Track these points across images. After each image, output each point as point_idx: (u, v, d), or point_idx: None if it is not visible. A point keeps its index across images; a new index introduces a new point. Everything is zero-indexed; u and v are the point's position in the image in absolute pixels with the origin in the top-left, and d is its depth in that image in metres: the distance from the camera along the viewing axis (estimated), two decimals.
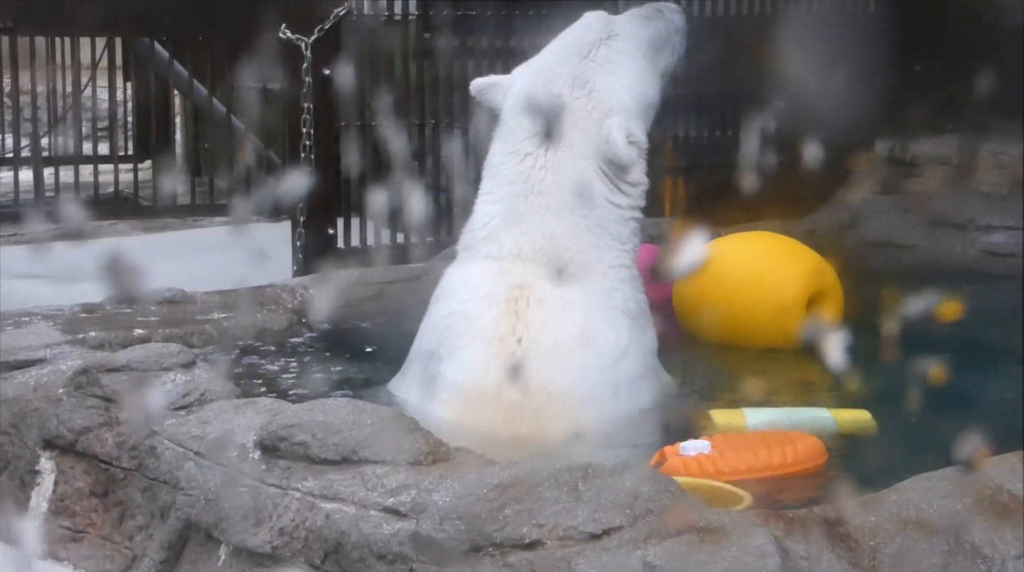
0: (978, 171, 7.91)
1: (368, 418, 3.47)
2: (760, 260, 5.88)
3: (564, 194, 4.80)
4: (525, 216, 4.78)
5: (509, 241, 4.77)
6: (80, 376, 4.11)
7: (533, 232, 4.77)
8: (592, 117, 4.86)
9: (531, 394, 4.53)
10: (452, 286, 4.83)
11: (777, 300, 5.63)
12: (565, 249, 4.76)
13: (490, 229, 4.84)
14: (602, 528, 2.96)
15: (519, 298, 4.63)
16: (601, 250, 4.83)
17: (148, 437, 3.81)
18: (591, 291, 4.74)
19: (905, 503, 3.12)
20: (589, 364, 4.62)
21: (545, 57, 5.04)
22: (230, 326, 5.44)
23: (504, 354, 4.58)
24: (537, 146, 4.84)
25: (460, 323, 4.69)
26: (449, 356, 4.65)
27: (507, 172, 4.87)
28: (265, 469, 3.46)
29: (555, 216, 4.79)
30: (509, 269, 4.72)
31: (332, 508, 3.28)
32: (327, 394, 4.46)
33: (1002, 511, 3.10)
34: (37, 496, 4.08)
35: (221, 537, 3.47)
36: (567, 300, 4.68)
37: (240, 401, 3.90)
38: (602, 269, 4.81)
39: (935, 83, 8.69)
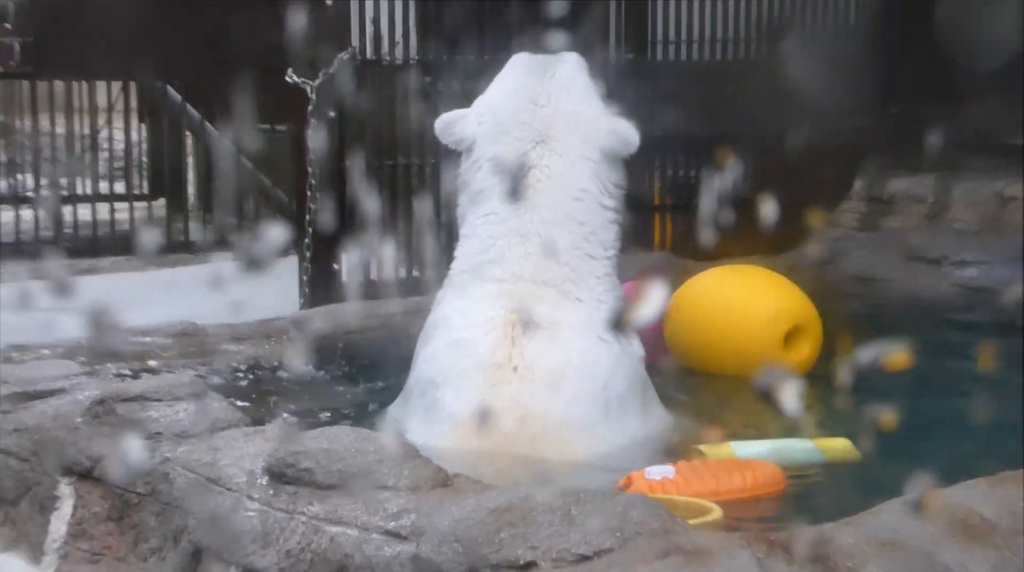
0: (952, 208, 7.93)
1: (371, 445, 3.47)
2: (743, 293, 5.89)
3: (567, 203, 4.81)
4: (529, 235, 4.78)
5: (514, 263, 4.76)
6: (97, 406, 4.11)
7: (535, 249, 4.76)
8: (585, 122, 4.88)
9: (527, 423, 4.51)
10: (451, 313, 4.81)
11: (758, 332, 5.64)
12: (563, 264, 4.77)
13: (496, 251, 4.81)
14: (593, 550, 2.96)
15: (515, 324, 4.62)
16: (593, 261, 4.84)
17: (161, 464, 3.82)
18: (582, 309, 4.73)
19: (882, 526, 3.12)
20: (581, 389, 4.61)
21: (506, 83, 5.03)
22: (240, 357, 5.45)
23: (501, 382, 4.57)
24: (535, 160, 4.81)
25: (458, 351, 4.68)
26: (447, 384, 4.63)
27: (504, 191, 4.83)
28: (272, 494, 3.46)
29: (559, 227, 4.79)
30: (510, 291, 4.71)
31: (336, 531, 3.27)
32: (332, 422, 4.47)
33: (973, 534, 3.10)
34: (57, 520, 4.08)
35: (231, 559, 3.47)
36: (559, 322, 4.66)
37: (249, 429, 3.90)
38: (592, 282, 4.81)
39: (911, 125, 8.72)
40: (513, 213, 4.82)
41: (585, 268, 4.81)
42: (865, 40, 8.72)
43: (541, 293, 4.71)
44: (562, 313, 4.69)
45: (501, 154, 4.85)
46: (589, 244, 4.84)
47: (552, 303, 4.70)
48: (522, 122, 4.85)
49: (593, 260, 4.84)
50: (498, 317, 4.66)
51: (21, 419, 4.30)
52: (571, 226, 4.81)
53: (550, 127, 4.84)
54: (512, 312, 4.65)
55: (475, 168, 4.93)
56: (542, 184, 4.80)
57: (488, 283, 4.78)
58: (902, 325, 6.68)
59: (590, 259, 4.83)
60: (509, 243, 4.79)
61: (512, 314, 4.64)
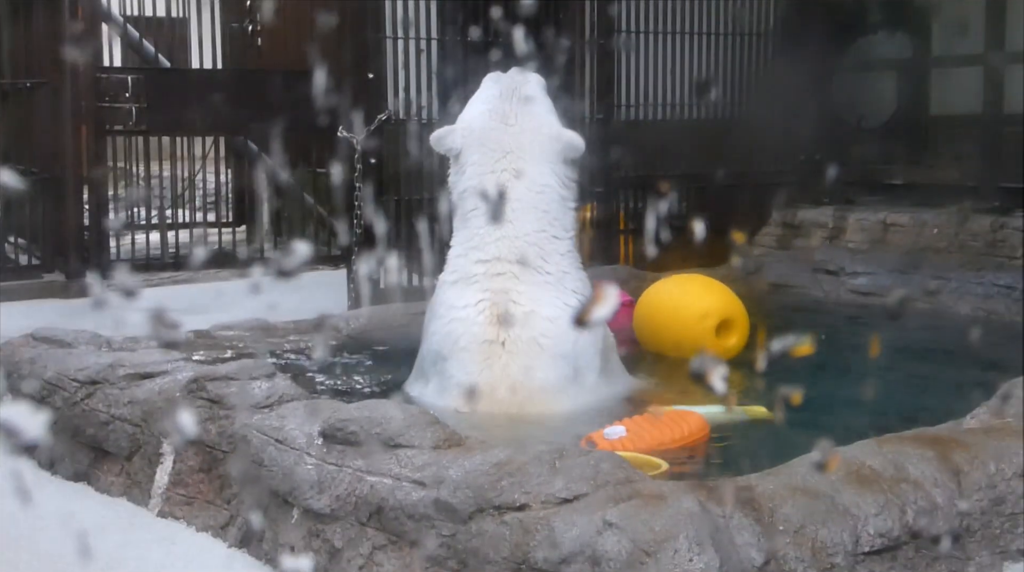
0: (847, 232, 7.90)
1: (401, 413, 3.44)
2: (686, 295, 5.86)
3: (531, 197, 4.77)
4: (503, 222, 4.73)
5: (492, 246, 4.73)
6: (192, 384, 4.09)
7: (509, 234, 4.72)
8: (545, 133, 4.84)
9: (516, 390, 4.52)
10: (450, 296, 4.76)
11: (695, 325, 5.63)
12: (531, 245, 4.73)
13: (478, 238, 4.78)
14: (573, 494, 2.94)
15: (500, 303, 4.62)
16: (556, 241, 4.80)
17: (241, 428, 3.79)
18: (551, 283, 4.70)
19: (795, 475, 3.09)
20: (554, 355, 4.60)
21: (481, 103, 4.96)
22: (301, 346, 5.42)
23: (493, 356, 4.58)
24: (506, 164, 4.78)
25: (458, 329, 4.66)
26: (452, 357, 4.64)
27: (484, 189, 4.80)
28: (326, 452, 3.43)
29: (525, 216, 4.75)
30: (492, 272, 4.69)
31: (375, 480, 3.25)
32: (371, 396, 4.43)
33: (864, 481, 3.08)
34: (160, 472, 4.04)
35: (294, 502, 3.44)
36: (534, 298, 4.64)
37: (308, 401, 3.86)
38: (557, 258, 4.78)
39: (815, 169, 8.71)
40: (480, 161, 4.81)
41: (550, 247, 4.78)
42: (781, 104, 8.69)
43: (515, 270, 4.70)
44: (534, 289, 4.67)
45: (479, 163, 4.83)
46: (552, 227, 4.80)
47: (525, 280, 4.69)
48: (495, 138, 4.82)
49: (556, 240, 4.81)
50: (486, 299, 4.65)
51: (134, 394, 4.28)
52: (536, 214, 4.77)
53: (517, 140, 4.82)
54: (496, 293, 4.65)
55: (461, 172, 4.90)
56: (512, 183, 4.77)
57: (475, 265, 4.75)
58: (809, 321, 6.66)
59: (554, 239, 4.80)
60: (488, 230, 4.76)
61: (496, 295, 4.64)
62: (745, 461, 3.68)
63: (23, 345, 4.94)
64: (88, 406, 4.35)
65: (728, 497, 2.92)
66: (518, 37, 2.09)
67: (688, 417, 4.23)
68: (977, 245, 7.19)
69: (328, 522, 3.30)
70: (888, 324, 6.50)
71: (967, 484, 3.15)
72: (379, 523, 3.18)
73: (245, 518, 3.67)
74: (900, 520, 3.02)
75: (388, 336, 5.73)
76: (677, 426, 4.15)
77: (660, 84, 8.53)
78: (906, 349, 5.52)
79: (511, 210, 4.74)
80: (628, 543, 2.71)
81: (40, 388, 4.60)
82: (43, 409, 1.45)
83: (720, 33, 8.67)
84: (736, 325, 5.62)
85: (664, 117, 8.58)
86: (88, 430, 4.33)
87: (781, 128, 8.65)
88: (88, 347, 4.83)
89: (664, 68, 8.51)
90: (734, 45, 8.76)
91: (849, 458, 3.17)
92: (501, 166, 4.80)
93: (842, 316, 6.79)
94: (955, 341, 5.69)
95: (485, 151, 4.83)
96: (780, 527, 2.88)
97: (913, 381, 5.02)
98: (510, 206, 4.75)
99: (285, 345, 5.42)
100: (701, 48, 8.63)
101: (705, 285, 5.96)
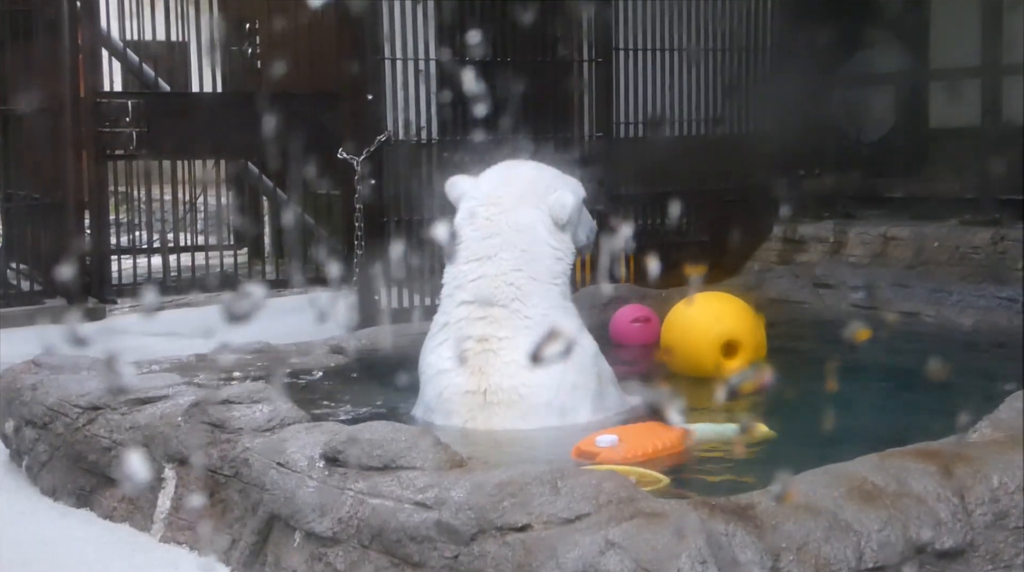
0: (847, 246, 7.90)
1: (403, 435, 3.44)
2: (698, 316, 5.79)
3: (511, 234, 4.76)
4: (488, 259, 4.73)
5: (472, 286, 4.72)
6: (193, 408, 4.08)
7: (489, 271, 4.71)
8: (542, 185, 4.87)
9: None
10: (435, 344, 4.80)
11: (705, 346, 5.62)
12: (510, 284, 4.70)
13: (462, 277, 4.78)
14: (575, 514, 2.93)
15: (481, 353, 4.61)
16: (536, 282, 4.75)
17: (243, 452, 3.78)
18: (531, 328, 4.64)
19: (797, 492, 3.09)
20: (536, 402, 4.57)
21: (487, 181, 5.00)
22: (303, 368, 5.42)
23: (475, 407, 4.59)
24: (497, 197, 4.81)
25: (442, 381, 4.68)
26: (438, 410, 4.66)
27: (478, 224, 4.81)
28: (327, 474, 3.42)
29: (505, 253, 4.73)
30: (475, 316, 4.68)
31: (377, 503, 3.24)
32: (374, 417, 4.42)
33: (867, 497, 3.07)
34: (163, 497, 4.04)
35: (296, 525, 3.43)
36: (515, 345, 4.59)
37: (310, 424, 3.86)
38: (536, 300, 4.73)
39: (816, 184, 8.73)
40: (474, 241, 4.79)
41: (530, 288, 4.73)
42: (780, 118, 8.70)
43: (495, 313, 4.67)
44: (514, 334, 4.62)
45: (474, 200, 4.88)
46: (531, 267, 4.76)
47: (505, 324, 4.65)
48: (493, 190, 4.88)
49: (536, 282, 4.76)
50: (470, 348, 4.63)
51: (136, 419, 4.27)
52: (514, 252, 4.75)
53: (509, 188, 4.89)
54: (478, 340, 4.63)
55: (460, 219, 4.91)
56: (495, 218, 4.78)
57: (459, 307, 4.76)
58: (810, 335, 6.66)
59: (532, 281, 4.75)
60: (470, 268, 4.76)
61: (478, 344, 4.62)
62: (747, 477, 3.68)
63: (25, 371, 4.94)
64: (90, 432, 4.35)
65: (730, 514, 2.91)
66: None
67: (672, 431, 4.24)
68: (978, 258, 7.19)
69: (330, 545, 3.29)
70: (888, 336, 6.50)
71: (970, 499, 3.14)
72: (381, 546, 3.17)
73: (247, 542, 3.65)
74: (903, 536, 3.00)
75: (389, 356, 5.72)
76: (661, 438, 4.17)
77: (659, 101, 8.54)
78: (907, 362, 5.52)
79: (490, 246, 4.74)
80: (631, 562, 2.70)
81: (42, 414, 4.60)
82: None
83: (718, 49, 8.69)
84: (743, 345, 5.58)
85: (663, 134, 8.59)
86: (90, 456, 4.33)
87: (780, 143, 8.66)
88: (90, 372, 4.83)
89: (663, 85, 8.53)
90: (732, 61, 8.78)
91: (851, 474, 3.17)
92: (492, 200, 4.82)
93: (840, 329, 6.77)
94: (957, 354, 5.68)
95: (479, 196, 4.88)
96: (783, 544, 2.87)
97: (914, 396, 5.00)
98: (490, 242, 4.75)
99: (287, 368, 5.41)
100: (699, 64, 8.65)
101: (716, 304, 5.91)
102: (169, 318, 8.04)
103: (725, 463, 4.20)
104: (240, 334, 6.23)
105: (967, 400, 4.43)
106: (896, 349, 5.94)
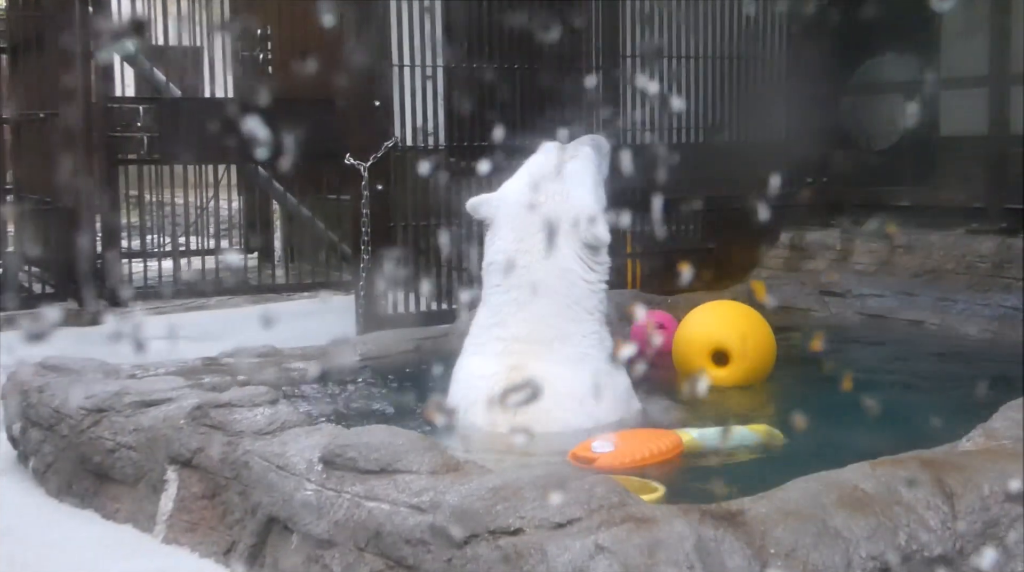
0: (854, 254, 7.92)
1: (399, 439, 3.48)
2: (695, 325, 5.84)
3: (552, 280, 4.74)
4: (525, 304, 4.71)
5: (512, 326, 4.71)
6: (196, 411, 4.13)
7: (530, 316, 4.69)
8: (571, 217, 4.78)
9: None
10: (471, 362, 4.78)
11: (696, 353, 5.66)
12: (551, 327, 4.69)
13: (500, 316, 4.77)
14: (566, 519, 2.95)
15: (515, 375, 4.57)
16: (577, 322, 4.75)
17: (243, 455, 3.83)
18: (567, 362, 4.64)
19: (787, 498, 3.11)
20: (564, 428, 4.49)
21: (524, 176, 4.99)
22: (308, 371, 5.46)
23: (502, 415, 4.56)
24: (531, 244, 4.74)
25: (475, 388, 4.67)
26: (467, 410, 4.64)
27: (512, 270, 4.75)
28: (325, 477, 3.46)
29: (546, 298, 4.71)
30: (510, 350, 4.66)
31: (373, 506, 3.28)
32: (376, 421, 4.46)
33: (857, 504, 3.09)
34: (165, 498, 4.09)
35: (294, 527, 3.48)
36: (551, 373, 4.55)
37: (309, 427, 3.90)
38: (578, 339, 4.72)
39: (823, 191, 8.75)
40: (513, 286, 4.78)
41: (571, 329, 4.72)
42: (788, 129, 8.73)
43: (535, 349, 4.65)
44: (549, 368, 4.58)
45: (506, 238, 4.81)
46: (572, 311, 4.74)
47: (543, 358, 4.62)
48: (523, 215, 4.79)
49: (578, 323, 4.74)
50: (501, 371, 4.61)
51: (139, 421, 4.33)
52: (556, 298, 4.72)
53: (547, 222, 4.79)
54: (514, 368, 4.60)
55: (491, 244, 4.88)
56: (536, 265, 4.73)
57: (495, 341, 4.74)
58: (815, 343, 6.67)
59: (574, 322, 4.74)
60: (510, 310, 4.74)
61: (513, 370, 4.59)
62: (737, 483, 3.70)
63: (33, 373, 5.00)
64: (94, 434, 4.40)
65: (720, 520, 2.94)
66: None
67: (664, 435, 4.28)
68: (984, 266, 7.20)
69: (327, 547, 3.33)
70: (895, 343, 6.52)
71: (960, 507, 3.16)
72: (377, 548, 3.21)
73: (246, 544, 3.70)
74: (892, 543, 3.03)
75: (394, 362, 5.77)
76: (656, 443, 4.21)
77: (667, 108, 8.57)
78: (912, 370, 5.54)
79: (531, 292, 4.70)
80: (619, 567, 2.74)
81: (49, 416, 4.66)
82: None
83: (728, 57, 8.71)
84: (733, 355, 5.59)
85: (671, 141, 8.62)
86: (94, 457, 4.38)
87: (789, 150, 8.68)
88: (96, 375, 4.88)
89: (672, 92, 8.55)
90: (742, 68, 8.80)
91: (842, 481, 3.19)
92: (525, 246, 4.75)
93: (848, 337, 6.80)
94: (960, 362, 5.70)
95: (513, 227, 4.80)
96: (771, 550, 2.90)
97: (914, 403, 5.03)
98: (531, 287, 4.70)
99: (291, 372, 5.46)
100: (709, 72, 8.68)
101: (712, 312, 5.93)
102: (177, 322, 8.10)
103: (725, 469, 4.23)
104: (245, 338, 6.30)
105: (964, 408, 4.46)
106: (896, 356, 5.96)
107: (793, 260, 8.21)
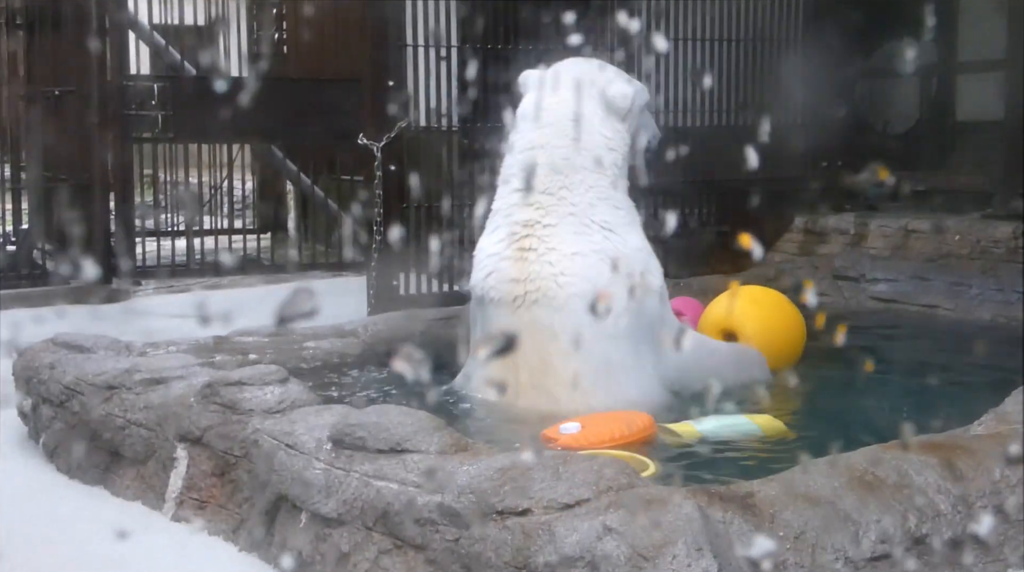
0: (868, 238, 7.88)
1: (409, 419, 3.47)
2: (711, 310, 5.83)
3: (568, 125, 4.80)
4: (540, 148, 4.78)
5: (525, 175, 4.81)
6: (206, 388, 4.13)
7: (544, 163, 4.75)
8: (603, 78, 4.94)
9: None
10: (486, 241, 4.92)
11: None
12: (558, 172, 4.75)
13: (516, 166, 4.89)
14: (575, 500, 2.95)
15: (526, 237, 4.73)
16: (585, 171, 4.78)
17: (253, 433, 3.82)
18: (576, 214, 4.73)
19: (796, 481, 3.10)
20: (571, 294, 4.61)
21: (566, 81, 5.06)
22: (317, 352, 5.46)
23: (518, 294, 4.68)
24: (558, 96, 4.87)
25: (490, 265, 4.82)
26: (485, 293, 4.80)
27: (536, 114, 4.86)
28: (334, 456, 3.46)
29: (559, 142, 4.78)
30: (525, 202, 4.76)
31: (381, 485, 3.27)
32: (380, 401, 4.47)
33: (868, 488, 3.08)
34: (175, 477, 4.09)
35: (302, 506, 3.47)
36: (558, 234, 4.69)
37: (319, 407, 3.90)
38: (583, 189, 4.77)
39: (838, 175, 8.70)
40: (529, 130, 4.87)
41: (577, 177, 4.77)
42: (804, 112, 8.68)
43: (542, 200, 4.73)
44: (558, 222, 4.71)
45: None
46: (580, 156, 4.79)
47: (551, 211, 4.72)
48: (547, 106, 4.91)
49: (584, 171, 4.78)
50: (515, 232, 4.74)
51: (149, 399, 4.33)
52: (564, 140, 4.79)
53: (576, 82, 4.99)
54: (524, 225, 4.72)
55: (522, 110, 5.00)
56: (552, 108, 4.83)
57: (511, 194, 4.85)
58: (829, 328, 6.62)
59: (582, 169, 4.78)
60: (524, 156, 4.83)
61: (524, 229, 4.72)
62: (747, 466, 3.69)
63: (44, 350, 5.00)
64: (105, 411, 4.40)
65: (728, 502, 2.93)
66: None
67: (636, 416, 4.29)
68: (999, 251, 7.16)
69: (335, 526, 3.33)
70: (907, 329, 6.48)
71: (970, 491, 3.15)
72: (385, 527, 3.21)
73: (255, 522, 3.70)
74: (902, 526, 3.01)
75: (403, 341, 5.75)
76: (627, 424, 4.21)
77: (683, 90, 8.53)
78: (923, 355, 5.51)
79: (543, 135, 4.79)
80: (627, 548, 2.73)
81: (59, 393, 4.67)
82: None
83: (744, 39, 8.66)
84: (742, 337, 5.55)
85: (686, 124, 8.58)
86: (105, 435, 4.38)
87: (805, 134, 8.63)
88: (107, 352, 4.89)
89: (687, 74, 8.51)
90: (758, 51, 8.75)
91: (852, 464, 3.18)
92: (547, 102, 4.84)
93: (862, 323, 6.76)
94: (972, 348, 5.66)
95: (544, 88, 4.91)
96: (780, 533, 2.89)
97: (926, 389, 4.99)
98: (543, 131, 4.79)
99: (302, 351, 5.46)
100: (724, 54, 8.63)
101: (728, 296, 5.91)
102: (192, 300, 8.10)
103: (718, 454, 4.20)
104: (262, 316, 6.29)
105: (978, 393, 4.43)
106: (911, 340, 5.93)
107: (807, 244, 8.17)
